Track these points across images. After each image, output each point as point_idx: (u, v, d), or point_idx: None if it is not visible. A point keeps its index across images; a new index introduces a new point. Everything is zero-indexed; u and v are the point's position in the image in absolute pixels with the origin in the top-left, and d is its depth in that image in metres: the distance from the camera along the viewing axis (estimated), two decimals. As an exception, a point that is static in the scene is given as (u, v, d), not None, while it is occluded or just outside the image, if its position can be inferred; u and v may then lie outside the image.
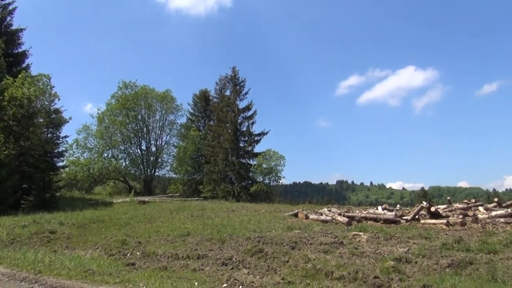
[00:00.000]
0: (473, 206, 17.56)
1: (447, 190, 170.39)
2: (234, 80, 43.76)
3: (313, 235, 11.86)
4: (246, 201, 35.31)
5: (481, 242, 10.23)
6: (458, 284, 7.08)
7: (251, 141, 42.20)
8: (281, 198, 42.95)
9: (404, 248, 10.13)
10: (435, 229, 12.79)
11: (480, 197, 44.59)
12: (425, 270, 8.37)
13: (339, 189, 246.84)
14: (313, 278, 7.82)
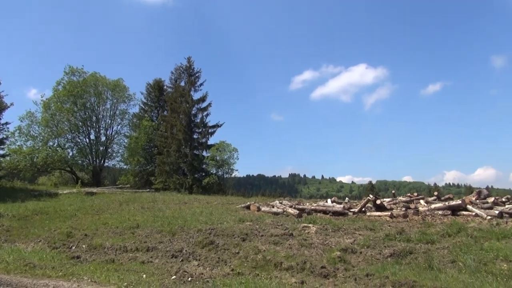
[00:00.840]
0: (415, 199, 18.56)
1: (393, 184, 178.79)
2: (189, 70, 43.05)
3: (264, 227, 12.02)
4: (198, 193, 35.05)
5: (420, 233, 10.85)
6: (398, 273, 7.47)
7: (205, 133, 41.83)
8: (234, 191, 43.03)
9: (351, 239, 10.54)
10: (380, 221, 13.39)
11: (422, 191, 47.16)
12: (369, 260, 8.76)
13: (291, 182, 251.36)
14: (262, 269, 7.95)
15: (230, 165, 41.48)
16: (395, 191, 22.11)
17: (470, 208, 13.93)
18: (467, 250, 8.87)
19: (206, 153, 41.58)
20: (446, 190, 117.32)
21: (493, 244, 9.20)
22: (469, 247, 9.10)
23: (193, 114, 41.94)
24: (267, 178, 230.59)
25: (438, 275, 7.40)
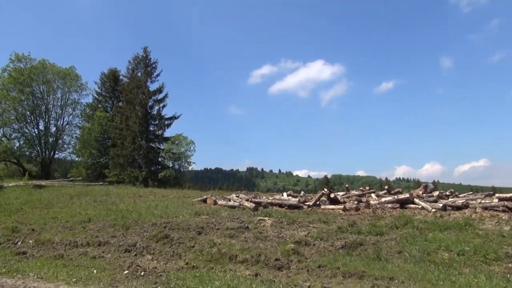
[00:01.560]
0: (367, 193, 19.27)
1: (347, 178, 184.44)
2: (145, 61, 41.98)
3: (220, 220, 12.03)
4: (154, 186, 34.41)
5: (371, 225, 11.29)
6: (349, 263, 7.75)
7: (162, 125, 41.07)
8: (191, 184, 42.68)
9: (305, 232, 10.78)
10: (333, 214, 13.79)
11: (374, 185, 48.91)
12: (321, 252, 9.01)
13: (249, 176, 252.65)
14: (217, 262, 7.96)
15: (187, 158, 41.06)
16: (348, 185, 22.84)
17: (417, 202, 14.65)
18: (413, 241, 9.35)
19: (163, 146, 40.89)
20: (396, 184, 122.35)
21: (436, 235, 9.76)
22: (415, 238, 9.59)
23: (150, 105, 41.05)
24: (225, 171, 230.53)
25: (386, 265, 7.75)
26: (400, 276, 6.73)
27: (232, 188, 40.79)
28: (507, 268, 7.51)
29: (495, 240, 9.37)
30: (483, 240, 9.31)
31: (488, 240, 9.29)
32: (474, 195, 17.66)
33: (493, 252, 8.18)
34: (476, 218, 11.92)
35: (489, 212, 12.74)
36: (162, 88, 41.32)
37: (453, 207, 13.87)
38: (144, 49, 42.24)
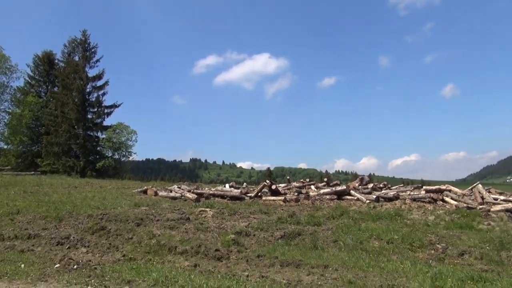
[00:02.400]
0: (307, 185, 19.84)
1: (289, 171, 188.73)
2: (84, 45, 39.78)
3: (160, 212, 11.82)
4: (92, 177, 32.94)
5: (309, 216, 11.68)
6: (287, 253, 7.97)
7: (101, 113, 39.28)
8: (131, 175, 41.36)
9: (246, 223, 10.91)
10: (274, 205, 14.08)
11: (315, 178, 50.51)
12: (261, 242, 9.18)
13: (192, 167, 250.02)
14: (156, 254, 7.83)
15: (128, 148, 39.74)
16: (290, 177, 23.37)
17: (353, 193, 15.36)
18: (348, 231, 9.82)
19: (102, 135, 39.18)
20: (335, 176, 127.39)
21: (369, 225, 10.33)
22: (349, 228, 10.08)
23: (88, 92, 39.08)
24: (168, 162, 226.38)
25: (322, 253, 8.08)
26: (334, 264, 7.04)
27: (175, 179, 40.14)
28: (430, 254, 8.14)
29: (421, 229, 10.12)
30: (410, 229, 10.01)
31: (414, 229, 9.99)
32: (404, 188, 18.85)
33: (418, 240, 8.83)
34: (405, 209, 12.75)
35: (417, 203, 13.67)
36: (102, 74, 39.45)
37: (386, 199, 14.72)
38: (83, 32, 40.02)
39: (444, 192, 14.84)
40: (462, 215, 11.51)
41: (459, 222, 10.77)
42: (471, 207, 12.73)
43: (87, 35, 40.03)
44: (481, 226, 10.45)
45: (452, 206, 13.20)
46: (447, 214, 11.74)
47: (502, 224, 10.69)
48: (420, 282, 5.62)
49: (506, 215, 11.61)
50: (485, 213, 11.83)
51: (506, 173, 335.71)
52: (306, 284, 5.64)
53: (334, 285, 5.52)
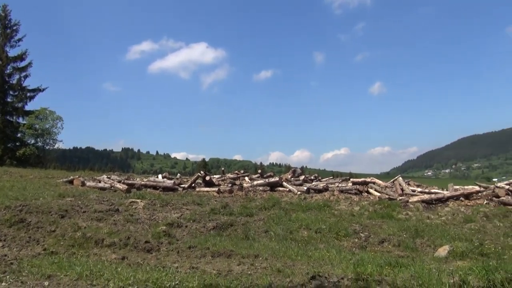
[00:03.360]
0: (241, 176, 20.03)
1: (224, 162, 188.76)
2: (4, 21, 36.36)
3: (87, 203, 11.27)
4: (11, 165, 30.42)
5: (242, 207, 11.82)
6: (219, 244, 8.01)
7: (22, 97, 36.29)
8: (57, 164, 38.73)
9: (178, 214, 10.78)
10: (207, 196, 14.03)
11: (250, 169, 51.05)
12: (193, 233, 9.14)
13: (124, 157, 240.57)
14: (80, 247, 7.47)
15: (53, 135, 37.14)
16: (224, 168, 23.40)
17: (285, 185, 15.78)
18: (279, 221, 10.09)
19: (23, 120, 36.24)
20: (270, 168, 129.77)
21: (299, 215, 10.69)
22: (280, 219, 10.36)
23: (8, 73, 35.94)
24: (97, 151, 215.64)
25: (253, 243, 8.23)
26: (264, 254, 7.20)
27: (105, 169, 38.40)
28: (354, 243, 8.64)
29: (347, 219, 10.68)
30: (337, 219, 10.53)
31: (341, 219, 10.53)
32: (333, 180, 19.72)
33: (344, 229, 9.32)
34: (334, 200, 13.37)
35: (344, 195, 14.39)
36: (25, 55, 36.40)
37: (316, 190, 15.31)
38: (2, 7, 36.54)
39: (369, 184, 15.77)
40: (384, 205, 12.32)
41: (381, 212, 11.52)
42: (392, 198, 13.67)
43: (8, 10, 36.64)
44: (400, 216, 11.27)
45: (375, 198, 14.07)
46: (371, 205, 12.50)
47: (418, 213, 11.61)
48: (344, 269, 5.93)
49: (422, 205, 12.63)
50: (404, 203, 12.76)
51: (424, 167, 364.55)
52: (236, 273, 5.71)
53: (263, 273, 5.64)
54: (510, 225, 9.80)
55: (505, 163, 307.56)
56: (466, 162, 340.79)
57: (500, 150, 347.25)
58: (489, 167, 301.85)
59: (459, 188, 15.09)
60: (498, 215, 10.88)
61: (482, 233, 9.26)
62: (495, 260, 6.41)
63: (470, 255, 7.42)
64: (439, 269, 5.91)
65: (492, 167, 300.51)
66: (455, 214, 11.40)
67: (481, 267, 5.49)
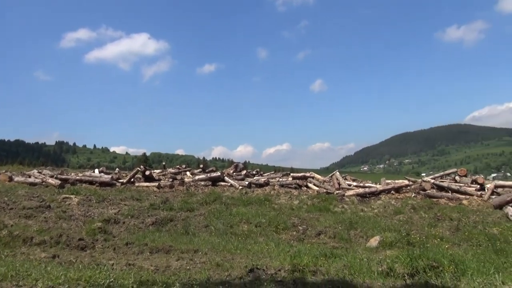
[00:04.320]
0: (183, 171, 19.78)
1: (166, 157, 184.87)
2: None
3: (15, 199, 10.56)
4: None
5: (183, 202, 11.69)
6: (157, 239, 7.87)
7: None
8: (-20, 158, 35.81)
9: (115, 210, 10.42)
10: (147, 191, 13.70)
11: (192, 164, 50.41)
12: (131, 229, 8.89)
13: (58, 151, 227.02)
14: (6, 246, 6.97)
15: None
16: (165, 163, 22.97)
17: (227, 179, 15.83)
18: (219, 216, 10.11)
19: None
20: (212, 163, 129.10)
21: (240, 210, 10.79)
22: (221, 213, 10.39)
23: None
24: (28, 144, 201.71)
25: (193, 238, 8.18)
26: (204, 248, 7.19)
27: (36, 164, 36.13)
28: (292, 235, 8.88)
29: (286, 212, 10.95)
30: (277, 212, 10.76)
31: (281, 213, 10.77)
32: (275, 174, 20.10)
33: (283, 222, 9.54)
34: (274, 194, 13.63)
35: (284, 189, 14.73)
36: None
37: (257, 185, 15.51)
38: None
39: (308, 179, 16.27)
40: (322, 199, 12.78)
41: (319, 205, 11.93)
42: (330, 192, 14.21)
43: None
44: (336, 209, 11.75)
45: (314, 192, 14.56)
46: (309, 199, 12.91)
47: (353, 206, 12.18)
48: (281, 261, 6.09)
49: (357, 198, 13.26)
50: (340, 197, 13.33)
51: (360, 163, 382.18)
52: (175, 269, 5.66)
53: (202, 268, 5.64)
54: (434, 216, 10.57)
55: (432, 159, 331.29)
56: (398, 158, 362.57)
57: (428, 147, 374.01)
58: (419, 163, 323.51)
59: (390, 182, 16.02)
60: (424, 207, 11.70)
61: (409, 224, 9.92)
62: (419, 248, 6.92)
63: (398, 244, 7.93)
64: (370, 259, 6.27)
65: (421, 163, 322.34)
66: (386, 206, 12.09)
67: (406, 255, 5.91)
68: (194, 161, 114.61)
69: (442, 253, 6.20)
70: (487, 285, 5.01)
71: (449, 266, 5.53)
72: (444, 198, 13.07)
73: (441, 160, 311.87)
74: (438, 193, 13.51)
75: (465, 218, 10.25)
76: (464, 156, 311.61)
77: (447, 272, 5.41)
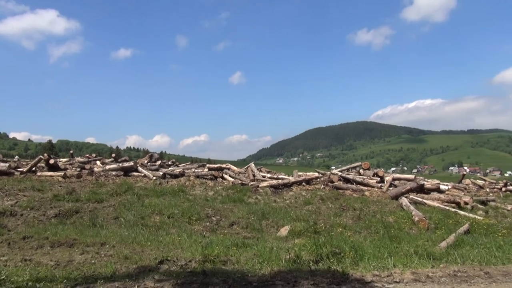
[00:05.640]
0: (93, 160, 18.72)
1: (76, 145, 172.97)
2: None
3: None
4: None
5: (91, 192, 11.05)
6: (60, 232, 7.34)
7: None
8: None
9: (12, 201, 9.53)
10: (51, 181, 12.72)
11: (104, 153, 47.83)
12: (30, 222, 8.20)
13: None
14: None
15: None
16: (72, 151, 21.55)
17: (140, 170, 15.30)
18: (130, 207, 9.75)
19: None
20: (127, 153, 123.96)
21: (153, 201, 10.51)
22: (133, 204, 10.03)
23: None
24: None
25: (100, 231, 7.77)
26: (112, 241, 6.87)
27: None
28: (205, 226, 8.89)
29: (200, 203, 10.91)
30: (191, 203, 10.67)
31: (195, 204, 10.70)
32: (191, 165, 19.91)
33: (196, 213, 9.50)
34: (189, 185, 13.50)
35: (200, 180, 14.65)
36: None
37: (172, 175, 15.23)
38: None
39: (224, 170, 16.39)
40: (237, 190, 12.96)
41: (233, 196, 12.08)
42: (245, 183, 14.47)
43: None
44: (250, 200, 12.00)
45: (229, 183, 14.70)
46: (224, 190, 13.01)
47: (266, 197, 12.54)
48: (193, 252, 6.06)
49: (271, 190, 13.68)
50: (254, 188, 13.64)
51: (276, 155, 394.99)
52: (78, 263, 5.33)
53: (108, 261, 5.38)
54: (340, 206, 11.32)
55: (341, 153, 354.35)
56: (311, 152, 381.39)
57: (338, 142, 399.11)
58: (329, 156, 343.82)
59: (302, 174, 16.79)
60: (331, 198, 12.46)
61: (317, 214, 10.51)
62: (325, 236, 7.37)
63: (306, 233, 8.35)
64: (279, 247, 6.52)
65: (331, 156, 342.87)
66: (297, 197, 12.66)
67: (312, 243, 6.25)
68: (106, 150, 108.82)
69: (344, 241, 6.67)
70: (380, 268, 5.51)
71: (349, 252, 5.97)
72: (349, 189, 14.05)
73: (349, 154, 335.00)
74: (344, 185, 14.48)
75: (366, 208, 11.13)
76: (369, 151, 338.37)
77: (347, 257, 5.83)
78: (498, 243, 7.33)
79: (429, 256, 6.15)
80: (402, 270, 5.37)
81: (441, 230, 9.01)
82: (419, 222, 9.59)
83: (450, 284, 4.95)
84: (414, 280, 5.02)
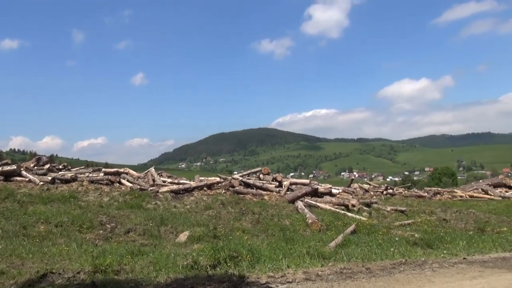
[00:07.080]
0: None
1: None
2: None
3: None
4: None
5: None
6: None
7: None
8: None
9: None
10: None
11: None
12: None
13: None
14: None
15: None
16: None
17: (24, 174, 13.82)
18: (10, 216, 8.74)
19: None
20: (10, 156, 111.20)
21: (38, 208, 9.56)
22: (13, 213, 9.01)
23: None
24: None
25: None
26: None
27: None
28: (98, 235, 8.35)
29: (94, 210, 10.22)
30: (83, 210, 9.94)
31: (87, 211, 9.99)
32: (85, 169, 18.57)
33: (89, 221, 8.88)
34: (82, 191, 12.55)
35: (94, 185, 13.70)
36: None
37: (63, 180, 14.00)
38: None
39: (122, 175, 15.57)
40: (135, 196, 12.41)
41: (131, 202, 11.55)
42: (144, 188, 13.91)
43: None
44: (149, 205, 11.59)
45: (127, 188, 14.00)
46: (121, 196, 12.36)
47: (166, 203, 12.22)
48: (82, 263, 5.65)
49: (171, 195, 13.35)
50: (154, 193, 13.19)
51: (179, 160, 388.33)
52: None
53: (-21, 278, 4.76)
54: (240, 210, 11.52)
55: (244, 158, 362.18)
56: (214, 157, 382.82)
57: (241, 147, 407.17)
58: (232, 162, 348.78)
59: (204, 179, 16.74)
60: (232, 202, 12.61)
61: (217, 218, 10.56)
62: (223, 241, 7.44)
63: (205, 238, 8.33)
64: (177, 253, 6.40)
65: (234, 162, 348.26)
66: (198, 202, 12.56)
67: (210, 247, 6.26)
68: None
69: (242, 244, 6.81)
70: (275, 269, 5.73)
71: (246, 255, 6.11)
72: (249, 194, 14.37)
73: (251, 160, 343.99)
74: (244, 190, 14.78)
75: (264, 211, 11.50)
76: (270, 156, 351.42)
77: (244, 260, 5.96)
78: (378, 241, 8.13)
79: (320, 256, 6.58)
80: (295, 270, 5.65)
81: (332, 231, 9.69)
82: (312, 224, 10.20)
83: (336, 281, 5.35)
84: (305, 279, 5.31)
